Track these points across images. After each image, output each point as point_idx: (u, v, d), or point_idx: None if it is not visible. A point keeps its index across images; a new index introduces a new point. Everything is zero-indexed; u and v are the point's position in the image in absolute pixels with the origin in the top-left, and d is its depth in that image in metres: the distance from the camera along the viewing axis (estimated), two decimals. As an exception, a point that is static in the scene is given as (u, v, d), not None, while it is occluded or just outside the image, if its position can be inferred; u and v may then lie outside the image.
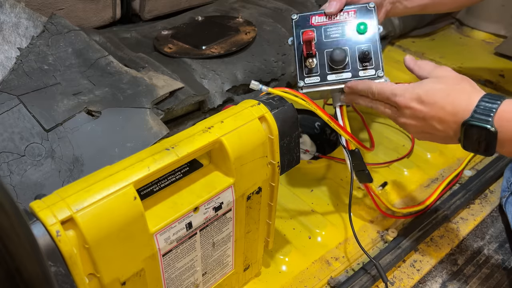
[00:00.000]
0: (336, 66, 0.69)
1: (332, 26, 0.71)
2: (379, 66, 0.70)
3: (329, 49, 0.70)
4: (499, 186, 0.90)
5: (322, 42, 0.71)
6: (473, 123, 0.56)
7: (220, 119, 0.53)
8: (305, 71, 0.71)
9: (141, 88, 0.87)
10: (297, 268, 0.73)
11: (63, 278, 0.40)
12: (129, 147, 0.79)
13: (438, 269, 0.75)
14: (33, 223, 0.39)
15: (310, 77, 0.70)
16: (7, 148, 0.73)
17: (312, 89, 0.71)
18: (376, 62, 0.70)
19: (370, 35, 0.70)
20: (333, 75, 0.70)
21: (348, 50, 0.70)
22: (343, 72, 0.70)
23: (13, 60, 0.85)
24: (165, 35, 1.13)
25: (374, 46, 0.70)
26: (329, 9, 0.71)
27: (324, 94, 0.73)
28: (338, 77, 0.70)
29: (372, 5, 0.71)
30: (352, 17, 0.71)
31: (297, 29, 0.72)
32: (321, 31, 0.71)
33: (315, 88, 0.71)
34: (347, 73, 0.70)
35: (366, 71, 0.69)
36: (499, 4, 1.44)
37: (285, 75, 1.13)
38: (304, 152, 1.02)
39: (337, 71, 0.70)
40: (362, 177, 0.74)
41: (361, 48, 0.70)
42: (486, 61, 1.34)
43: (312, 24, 0.72)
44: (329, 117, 0.64)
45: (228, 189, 0.53)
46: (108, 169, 0.45)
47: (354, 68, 0.70)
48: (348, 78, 0.70)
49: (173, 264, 0.52)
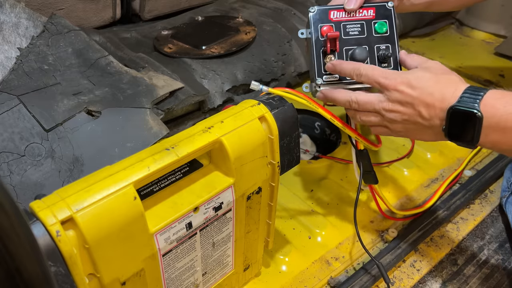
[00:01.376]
0: None
1: (351, 23, 0.70)
2: (397, 67, 0.69)
3: (348, 46, 0.69)
4: (499, 186, 0.90)
5: (341, 39, 0.69)
6: (459, 107, 0.56)
7: (220, 119, 0.53)
8: (324, 68, 0.69)
9: (141, 88, 0.87)
10: (297, 268, 0.73)
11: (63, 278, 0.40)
12: (129, 147, 0.79)
13: (438, 269, 0.75)
14: (33, 223, 0.39)
15: (329, 74, 0.69)
16: (7, 148, 0.73)
17: (330, 87, 0.69)
18: (395, 63, 0.69)
19: (389, 35, 0.69)
20: None
21: (367, 49, 0.69)
22: None
23: (13, 60, 0.85)
24: (165, 35, 1.13)
25: (393, 47, 0.69)
26: (348, 6, 0.69)
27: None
28: None
29: (391, 5, 0.70)
30: (370, 15, 0.70)
31: (316, 23, 0.70)
32: (340, 27, 0.69)
33: (333, 86, 0.69)
34: None
35: None
36: (499, 4, 1.44)
37: (285, 75, 1.13)
38: (304, 152, 1.02)
39: None
40: (368, 178, 0.73)
41: (380, 48, 0.69)
42: (486, 61, 1.34)
43: (331, 20, 0.69)
44: (332, 115, 0.64)
45: (228, 189, 0.53)
46: (108, 169, 0.45)
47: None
48: None
49: (173, 264, 0.52)
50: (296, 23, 1.23)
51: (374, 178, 0.73)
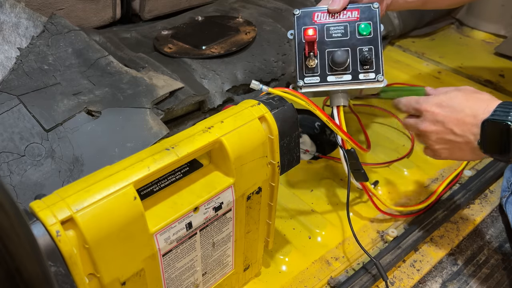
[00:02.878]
0: (337, 68, 0.69)
1: (334, 25, 0.70)
2: (379, 70, 0.69)
3: (330, 49, 0.70)
4: (499, 186, 0.90)
5: (324, 41, 0.70)
6: (493, 118, 0.58)
7: (220, 119, 0.53)
8: (305, 71, 0.70)
9: (141, 88, 0.87)
10: (297, 268, 0.73)
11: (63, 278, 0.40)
12: (129, 147, 0.79)
13: (438, 269, 0.75)
14: (33, 223, 0.39)
15: (310, 77, 0.70)
16: (7, 148, 0.73)
17: (311, 89, 0.70)
18: (377, 65, 0.69)
19: (372, 37, 0.69)
20: (333, 77, 0.69)
21: (349, 52, 0.69)
22: (343, 74, 0.69)
23: (13, 60, 0.85)
24: (165, 35, 1.13)
25: (375, 49, 0.69)
26: (332, 6, 0.70)
27: (322, 93, 0.72)
28: (338, 78, 0.69)
29: (376, 6, 0.70)
30: (355, 17, 0.70)
31: (299, 26, 0.71)
32: (323, 29, 0.70)
33: (314, 89, 0.70)
34: (347, 75, 0.69)
35: (366, 74, 0.69)
36: (499, 4, 1.44)
37: (285, 75, 1.13)
38: (304, 152, 1.02)
39: (338, 73, 0.69)
40: (358, 176, 0.74)
41: (362, 50, 0.69)
42: (486, 61, 1.34)
43: (315, 22, 0.70)
44: (328, 117, 0.64)
45: (228, 189, 0.53)
46: (108, 169, 0.45)
47: (355, 70, 0.69)
48: (348, 81, 0.69)
49: (173, 264, 0.52)
50: (296, 23, 1.23)
51: (364, 176, 0.74)
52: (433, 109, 0.65)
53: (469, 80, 1.23)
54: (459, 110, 0.62)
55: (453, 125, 0.63)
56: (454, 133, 0.63)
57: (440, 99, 0.65)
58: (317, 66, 0.70)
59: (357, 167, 0.72)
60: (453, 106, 0.63)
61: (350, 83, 0.69)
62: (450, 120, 0.63)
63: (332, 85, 0.70)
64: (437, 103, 0.65)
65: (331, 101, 0.72)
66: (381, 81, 0.69)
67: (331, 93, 0.71)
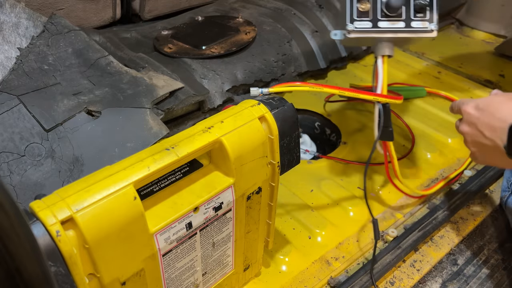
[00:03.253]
0: (390, 13, 0.65)
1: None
2: (432, 19, 0.66)
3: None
4: (499, 186, 0.90)
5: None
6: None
7: (220, 119, 0.53)
8: (356, 14, 0.66)
9: (141, 88, 0.87)
10: (297, 268, 0.73)
11: (63, 278, 0.40)
12: (129, 147, 0.79)
13: (438, 269, 0.75)
14: (33, 223, 0.39)
15: (361, 21, 0.66)
16: (7, 148, 0.73)
17: (361, 34, 0.66)
18: (431, 14, 0.66)
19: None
20: (386, 23, 0.66)
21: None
22: (396, 21, 0.66)
23: (13, 60, 0.85)
24: (165, 35, 1.13)
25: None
26: None
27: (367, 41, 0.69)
28: (390, 25, 0.66)
29: None
30: None
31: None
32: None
33: (365, 34, 0.66)
34: (400, 23, 0.66)
35: (419, 23, 0.66)
36: (499, 4, 1.44)
37: (285, 75, 1.14)
38: (304, 152, 1.02)
39: (391, 19, 0.66)
40: (386, 134, 0.71)
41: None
42: (486, 61, 1.34)
43: None
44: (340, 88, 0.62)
45: (228, 189, 0.53)
46: (108, 169, 0.45)
47: (408, 17, 0.66)
48: (400, 28, 0.66)
49: (173, 264, 0.52)
50: (296, 23, 1.23)
51: (390, 134, 0.71)
52: (470, 111, 0.65)
53: (469, 80, 1.23)
54: (492, 113, 0.62)
55: (484, 128, 0.62)
56: (484, 136, 0.63)
57: (479, 101, 0.65)
58: (370, 10, 0.66)
59: (387, 123, 0.70)
60: (488, 109, 0.63)
61: (402, 30, 0.66)
62: (482, 122, 0.63)
63: (383, 32, 0.66)
64: (475, 105, 0.65)
65: (376, 50, 0.69)
66: (434, 31, 0.66)
67: (378, 40, 0.67)
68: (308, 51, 1.19)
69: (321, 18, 1.27)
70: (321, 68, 1.20)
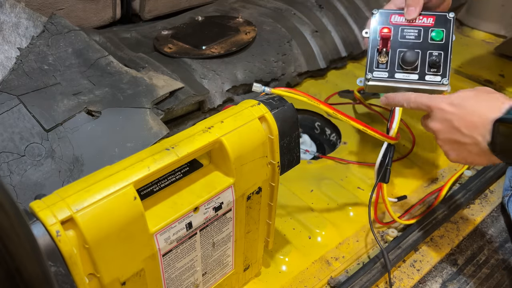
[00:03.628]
0: (406, 67, 0.72)
1: (409, 28, 0.73)
2: (445, 74, 0.71)
3: (402, 48, 0.73)
4: (499, 186, 0.90)
5: (397, 41, 0.73)
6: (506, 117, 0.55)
7: (220, 119, 0.53)
8: (375, 65, 0.73)
9: (141, 88, 0.87)
10: (297, 268, 0.73)
11: (63, 278, 0.40)
12: (129, 147, 0.79)
13: (438, 269, 0.75)
14: (33, 223, 0.39)
15: (379, 71, 0.73)
16: (7, 148, 0.73)
17: (378, 82, 0.73)
18: (444, 69, 0.71)
19: (444, 43, 0.72)
20: (401, 74, 0.72)
21: (420, 53, 0.72)
22: (411, 73, 0.72)
23: (13, 60, 0.85)
24: (165, 35, 1.13)
25: (445, 54, 0.72)
26: (408, 16, 0.72)
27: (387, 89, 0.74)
28: (405, 76, 0.72)
29: (452, 15, 0.73)
30: (429, 23, 0.73)
31: (376, 24, 0.74)
32: (398, 30, 0.73)
33: (381, 83, 0.73)
34: (414, 75, 0.72)
35: (433, 77, 0.71)
36: (499, 4, 1.44)
37: (285, 75, 1.14)
38: (304, 152, 1.02)
39: (406, 71, 0.72)
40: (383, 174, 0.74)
41: (432, 54, 0.72)
42: (486, 61, 1.34)
43: (391, 23, 0.74)
44: (333, 108, 0.65)
45: (228, 189, 0.53)
46: (108, 169, 0.45)
47: (422, 71, 0.72)
48: (414, 80, 0.72)
49: (173, 264, 0.52)
50: (296, 23, 1.23)
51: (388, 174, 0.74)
52: (443, 107, 0.62)
53: (469, 80, 1.23)
54: (469, 109, 0.59)
55: (460, 124, 0.60)
56: (461, 132, 0.60)
57: (452, 97, 0.62)
58: (387, 62, 0.73)
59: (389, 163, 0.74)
60: (463, 104, 0.60)
61: (416, 82, 0.72)
62: (458, 118, 0.60)
63: (398, 82, 0.72)
64: (448, 101, 0.62)
65: None
66: (446, 85, 0.71)
67: (396, 89, 0.73)
68: (308, 51, 1.19)
69: (321, 18, 1.27)
70: (321, 68, 1.20)
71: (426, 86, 0.72)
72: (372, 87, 0.74)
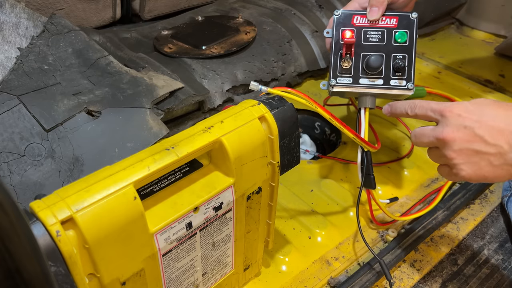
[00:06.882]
0: (370, 72, 0.70)
1: (372, 29, 0.71)
2: (410, 78, 0.70)
3: (366, 52, 0.71)
4: (499, 186, 0.90)
5: (360, 44, 0.71)
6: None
7: (220, 119, 0.53)
8: (339, 70, 0.71)
9: (141, 88, 0.87)
10: (297, 268, 0.73)
11: (63, 278, 0.40)
12: (129, 147, 0.79)
13: (438, 269, 0.75)
14: (33, 223, 0.39)
15: (342, 77, 0.71)
16: (7, 148, 0.73)
17: (343, 89, 0.71)
18: (408, 73, 0.70)
19: (407, 45, 0.71)
20: (366, 79, 0.71)
21: (384, 57, 0.70)
22: (375, 78, 0.70)
23: (13, 60, 0.85)
24: (165, 35, 1.13)
25: (409, 58, 0.70)
26: (371, 17, 0.70)
27: (351, 94, 0.74)
28: (370, 82, 0.71)
29: (415, 15, 0.71)
30: (393, 24, 0.71)
31: (338, 26, 0.72)
32: (361, 32, 0.71)
33: (346, 89, 0.71)
34: (379, 80, 0.70)
35: (398, 81, 0.70)
36: (499, 4, 1.44)
37: (285, 75, 1.13)
38: (304, 152, 1.02)
39: (370, 76, 0.71)
40: (367, 182, 0.73)
41: (397, 57, 0.70)
42: (486, 61, 1.34)
43: (354, 24, 0.71)
44: (331, 115, 0.64)
45: (228, 189, 0.53)
46: (108, 169, 0.45)
47: (387, 75, 0.70)
48: (379, 85, 0.70)
49: (173, 264, 0.52)
50: (296, 23, 1.23)
51: (372, 182, 0.73)
52: (459, 112, 0.54)
53: (469, 80, 1.23)
54: (492, 115, 0.52)
55: (484, 132, 0.52)
56: (485, 141, 0.53)
57: (465, 103, 0.55)
58: (351, 67, 0.71)
59: (368, 171, 0.72)
60: (484, 111, 0.53)
61: (381, 87, 0.70)
62: (482, 125, 0.53)
63: (363, 88, 0.71)
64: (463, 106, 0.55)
65: (359, 102, 0.73)
66: (410, 89, 0.70)
67: (361, 95, 0.72)
68: (308, 51, 1.19)
69: (321, 18, 1.27)
70: (321, 68, 1.20)
71: (391, 91, 0.71)
72: (335, 92, 0.72)
